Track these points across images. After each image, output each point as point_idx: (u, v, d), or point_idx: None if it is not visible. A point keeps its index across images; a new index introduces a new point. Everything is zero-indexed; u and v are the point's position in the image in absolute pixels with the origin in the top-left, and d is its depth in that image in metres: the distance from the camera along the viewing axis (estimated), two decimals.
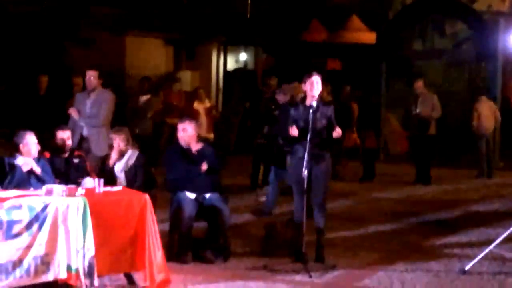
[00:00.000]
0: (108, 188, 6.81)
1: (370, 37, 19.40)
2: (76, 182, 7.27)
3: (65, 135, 7.84)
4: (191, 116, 11.36)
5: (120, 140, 7.89)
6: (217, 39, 21.42)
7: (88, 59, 17.60)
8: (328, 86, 13.04)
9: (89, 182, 7.08)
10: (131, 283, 6.62)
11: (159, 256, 6.52)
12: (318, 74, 7.59)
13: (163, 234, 6.96)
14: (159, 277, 6.49)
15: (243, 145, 15.72)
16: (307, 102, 7.56)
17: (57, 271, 6.14)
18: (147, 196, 6.56)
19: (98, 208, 6.31)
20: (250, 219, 9.99)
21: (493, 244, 7.55)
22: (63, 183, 7.10)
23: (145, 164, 8.06)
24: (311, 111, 7.38)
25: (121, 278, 6.65)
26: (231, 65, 23.50)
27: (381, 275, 7.26)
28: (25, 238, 6.02)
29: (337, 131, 7.45)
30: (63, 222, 6.16)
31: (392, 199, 12.09)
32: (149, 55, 19.66)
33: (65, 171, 7.66)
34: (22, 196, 6.29)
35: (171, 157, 8.02)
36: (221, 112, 18.66)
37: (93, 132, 9.54)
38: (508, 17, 17.11)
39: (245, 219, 9.93)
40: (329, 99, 12.38)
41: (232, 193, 10.44)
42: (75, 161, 7.82)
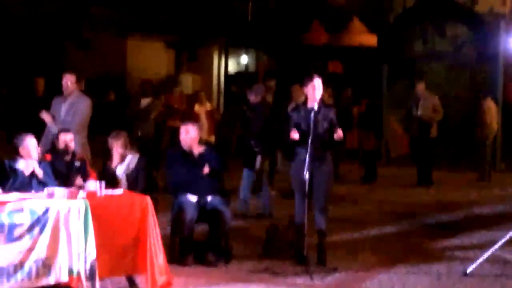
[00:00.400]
0: (109, 191, 6.81)
1: (371, 39, 19.42)
2: (77, 185, 7.28)
3: (67, 138, 7.83)
4: (192, 118, 11.37)
5: (118, 145, 7.88)
6: (218, 42, 21.47)
7: (89, 61, 17.65)
8: (329, 89, 13.06)
9: (91, 185, 7.09)
10: (133, 286, 6.61)
11: (160, 259, 6.52)
12: (319, 77, 7.60)
13: (164, 237, 6.97)
14: (161, 280, 6.49)
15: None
16: (309, 105, 7.57)
17: (58, 274, 6.14)
18: (148, 199, 6.57)
19: (99, 211, 6.31)
20: (252, 221, 9.98)
21: (495, 247, 7.54)
22: (64, 186, 7.11)
23: (147, 167, 8.06)
24: (312, 114, 7.38)
25: (122, 281, 6.65)
26: (232, 67, 23.52)
27: (382, 277, 7.25)
28: (26, 241, 6.02)
29: (338, 133, 7.45)
30: (64, 225, 6.16)
31: (394, 201, 12.08)
32: (150, 58, 19.70)
33: (66, 174, 7.65)
34: (23, 199, 6.29)
35: (172, 160, 8.02)
36: (222, 114, 18.66)
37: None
38: (509, 19, 17.16)
39: (247, 222, 9.92)
40: (330, 102, 12.39)
41: (233, 196, 10.43)
42: (77, 164, 7.81)
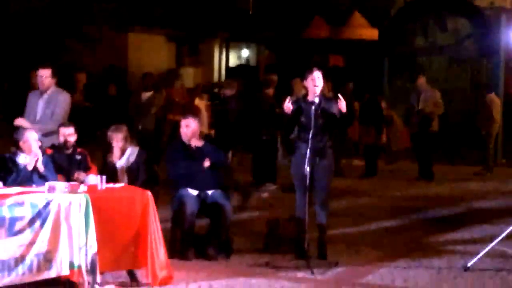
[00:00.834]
0: (110, 185, 6.82)
1: (372, 33, 19.38)
2: (78, 179, 7.29)
3: (68, 132, 7.83)
4: (192, 112, 11.37)
5: (118, 139, 7.88)
6: (220, 35, 21.43)
7: (90, 55, 17.65)
8: (329, 83, 13.04)
9: (92, 179, 7.09)
10: (134, 280, 6.62)
11: (161, 253, 6.52)
12: (319, 70, 7.57)
13: (165, 231, 6.97)
14: (162, 273, 6.50)
15: (245, 142, 15.71)
16: (309, 98, 7.54)
17: (59, 268, 6.15)
18: (149, 193, 6.57)
19: (100, 205, 6.31)
20: (253, 215, 9.99)
21: (496, 241, 7.54)
22: (65, 179, 7.12)
23: (147, 160, 8.06)
24: (313, 107, 7.36)
25: (123, 275, 6.65)
26: (233, 61, 23.50)
27: (383, 271, 7.26)
28: (27, 235, 6.02)
29: (341, 104, 7.25)
30: (65, 219, 6.16)
31: (394, 196, 12.08)
32: (152, 52, 19.69)
33: (67, 167, 7.65)
34: (24, 193, 6.30)
35: (173, 154, 8.02)
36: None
37: (44, 139, 8.01)
38: (510, 13, 17.10)
39: (248, 216, 9.93)
40: (331, 95, 12.38)
41: (234, 189, 10.44)
42: (78, 157, 7.81)
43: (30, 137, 7.18)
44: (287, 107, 7.36)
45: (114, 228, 6.39)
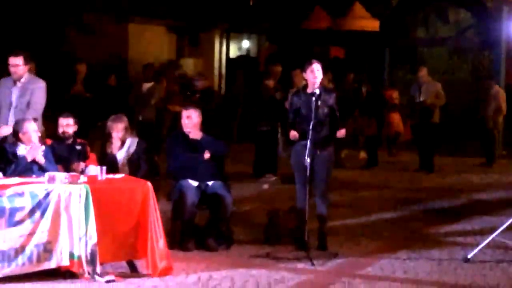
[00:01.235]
0: (110, 176, 6.81)
1: (373, 24, 19.30)
2: (78, 169, 7.29)
3: (66, 122, 7.80)
4: (193, 103, 11.36)
5: (118, 129, 7.86)
6: (220, 26, 21.38)
7: (90, 45, 17.59)
8: (329, 74, 13.02)
9: (92, 169, 7.07)
10: (134, 270, 6.62)
11: (161, 244, 6.51)
12: (319, 62, 7.57)
13: (165, 221, 6.96)
14: (161, 264, 6.49)
15: (245, 133, 15.70)
16: (309, 90, 7.55)
17: (59, 259, 6.15)
18: (149, 184, 6.56)
19: (100, 196, 6.31)
20: (253, 207, 9.99)
21: (496, 232, 7.53)
22: (65, 170, 7.11)
23: (147, 151, 8.04)
24: (313, 99, 7.36)
25: (123, 265, 6.65)
26: (233, 52, 23.45)
27: (383, 263, 7.25)
28: (27, 225, 6.03)
29: (341, 132, 7.46)
30: (65, 210, 6.16)
31: (395, 187, 12.07)
32: (152, 42, 19.64)
33: (67, 158, 7.63)
34: (24, 184, 6.29)
35: (173, 145, 8.00)
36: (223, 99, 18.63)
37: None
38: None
39: (248, 207, 9.93)
40: (331, 86, 12.37)
41: (234, 180, 10.42)
42: (78, 148, 7.79)
43: (29, 128, 7.18)
44: (294, 135, 7.46)
45: (114, 218, 6.38)
